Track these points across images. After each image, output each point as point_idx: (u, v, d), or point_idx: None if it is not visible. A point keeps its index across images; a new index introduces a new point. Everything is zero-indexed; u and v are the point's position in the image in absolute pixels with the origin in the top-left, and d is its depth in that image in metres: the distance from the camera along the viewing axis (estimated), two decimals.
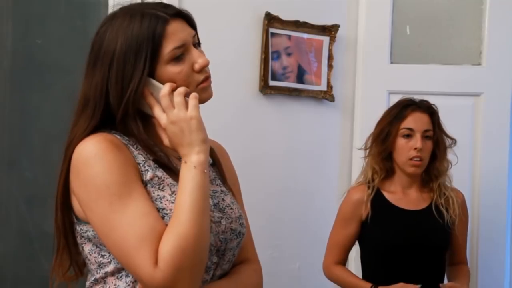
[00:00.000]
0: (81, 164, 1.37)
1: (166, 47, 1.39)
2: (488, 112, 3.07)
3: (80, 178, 1.37)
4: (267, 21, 2.88)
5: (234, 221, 1.48)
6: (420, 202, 2.51)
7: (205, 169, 1.35)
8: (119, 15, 1.44)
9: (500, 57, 3.07)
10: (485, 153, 3.06)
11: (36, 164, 2.72)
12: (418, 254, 2.42)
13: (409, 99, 2.54)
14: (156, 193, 1.38)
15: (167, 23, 1.40)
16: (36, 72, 2.71)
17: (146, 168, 1.40)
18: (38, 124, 2.73)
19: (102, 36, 1.44)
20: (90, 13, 2.78)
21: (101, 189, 1.33)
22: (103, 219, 1.33)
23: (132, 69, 1.38)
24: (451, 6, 3.12)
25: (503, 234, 3.07)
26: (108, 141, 1.37)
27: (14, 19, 2.69)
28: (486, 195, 3.05)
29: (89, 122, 1.42)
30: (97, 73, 1.42)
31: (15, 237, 2.70)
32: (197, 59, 1.41)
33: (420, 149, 2.44)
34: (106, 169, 1.34)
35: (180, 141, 1.37)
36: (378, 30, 3.06)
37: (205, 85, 1.43)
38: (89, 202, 1.36)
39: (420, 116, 2.49)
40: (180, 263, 1.29)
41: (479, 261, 3.05)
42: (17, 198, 2.68)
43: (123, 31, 1.40)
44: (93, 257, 1.42)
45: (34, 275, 2.71)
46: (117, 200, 1.32)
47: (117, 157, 1.36)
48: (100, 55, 1.43)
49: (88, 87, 1.44)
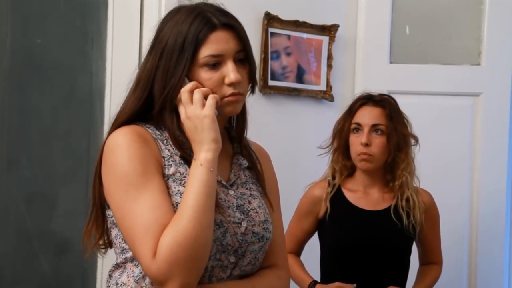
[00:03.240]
0: (107, 152, 1.45)
1: (203, 52, 1.44)
2: (487, 112, 3.07)
3: (105, 164, 1.45)
4: (267, 21, 2.88)
5: (258, 225, 1.51)
6: (380, 202, 2.43)
7: (211, 168, 1.40)
8: (182, 9, 1.51)
9: (499, 57, 3.08)
10: (484, 153, 3.06)
11: (35, 163, 2.72)
12: (373, 255, 2.36)
13: (366, 93, 2.47)
14: (176, 188, 1.43)
15: (212, 30, 1.45)
16: (35, 72, 2.71)
17: (170, 163, 1.45)
18: (38, 123, 2.72)
19: (162, 26, 1.50)
20: (90, 13, 2.78)
21: (119, 177, 1.41)
22: (118, 206, 1.41)
23: (175, 65, 1.45)
24: (451, 6, 3.12)
25: (502, 231, 3.08)
26: (136, 134, 1.44)
27: (14, 19, 2.68)
28: (485, 195, 3.06)
29: (136, 104, 1.48)
30: (151, 59, 1.49)
31: (14, 236, 2.69)
32: (229, 73, 1.45)
33: (366, 144, 2.36)
34: (126, 160, 1.41)
35: (193, 137, 1.43)
36: (377, 30, 3.06)
37: (231, 99, 1.47)
38: (109, 188, 1.44)
39: (370, 110, 2.41)
40: (175, 257, 1.33)
41: (478, 260, 3.05)
42: (17, 197, 2.68)
43: (177, 26, 1.46)
44: (118, 242, 1.49)
45: (33, 274, 2.71)
46: (132, 190, 1.39)
47: (140, 149, 1.42)
48: (156, 43, 1.49)
49: (142, 70, 1.50)
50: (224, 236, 1.44)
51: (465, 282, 3.07)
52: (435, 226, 2.51)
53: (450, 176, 3.04)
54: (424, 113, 2.99)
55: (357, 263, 2.38)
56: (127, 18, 2.77)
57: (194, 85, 1.44)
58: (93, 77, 2.78)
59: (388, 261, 2.39)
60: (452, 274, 2.98)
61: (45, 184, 2.74)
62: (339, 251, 2.40)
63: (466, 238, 3.06)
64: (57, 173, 2.76)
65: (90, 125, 2.78)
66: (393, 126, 2.39)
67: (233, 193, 1.52)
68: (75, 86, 2.79)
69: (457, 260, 3.06)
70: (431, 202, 2.49)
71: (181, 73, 1.44)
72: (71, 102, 2.79)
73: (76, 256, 2.78)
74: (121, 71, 2.76)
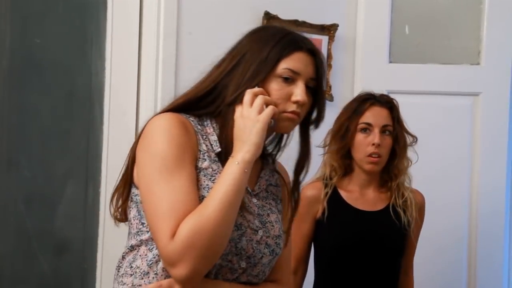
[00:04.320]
0: (149, 132, 1.49)
1: (283, 65, 1.51)
2: (486, 111, 3.07)
3: (144, 142, 1.49)
4: (266, 20, 2.88)
5: (271, 238, 1.55)
6: (378, 202, 2.43)
7: (246, 169, 1.44)
8: (269, 28, 1.67)
9: (498, 57, 3.08)
10: (484, 153, 3.06)
11: (34, 163, 2.72)
12: (371, 257, 2.36)
13: (368, 93, 2.47)
14: (205, 182, 1.48)
15: (298, 50, 1.53)
16: (35, 71, 2.70)
17: (204, 157, 1.50)
18: (37, 123, 2.72)
19: (242, 39, 1.61)
20: (89, 13, 2.78)
21: (156, 156, 1.45)
22: (148, 182, 1.45)
23: (255, 69, 1.51)
24: (450, 6, 3.12)
25: (501, 231, 3.08)
26: (180, 121, 1.49)
27: (13, 18, 2.68)
28: (485, 194, 3.05)
29: (195, 94, 1.55)
30: (224, 63, 1.56)
31: (13, 236, 2.69)
32: (298, 92, 1.51)
33: (378, 145, 2.35)
34: (166, 142, 1.45)
35: (238, 136, 1.47)
36: (377, 30, 3.06)
37: (290, 116, 1.52)
38: (143, 165, 1.48)
39: (379, 110, 2.41)
40: (192, 241, 1.37)
41: (478, 260, 3.05)
42: (16, 197, 2.68)
43: (263, 39, 1.55)
44: (135, 223, 1.52)
45: (32, 274, 2.71)
46: (165, 171, 1.43)
47: (181, 136, 1.47)
48: (234, 51, 1.58)
49: (214, 71, 1.57)
50: (240, 239, 1.49)
51: (465, 282, 3.07)
52: (419, 229, 2.50)
53: (449, 176, 3.04)
54: (423, 113, 2.99)
55: (354, 264, 2.37)
56: (126, 18, 2.77)
57: (260, 91, 1.49)
58: (92, 77, 2.78)
59: (385, 260, 2.39)
60: (451, 274, 2.98)
61: (44, 184, 2.74)
62: (337, 252, 2.38)
63: (466, 238, 3.06)
64: (57, 173, 2.75)
65: (90, 125, 2.78)
66: (399, 127, 2.41)
67: (255, 202, 1.56)
68: (75, 86, 2.78)
69: (457, 260, 3.06)
70: (423, 202, 2.50)
71: (258, 77, 1.50)
72: (70, 102, 2.78)
73: (75, 256, 2.78)
74: (120, 71, 2.76)
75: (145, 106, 2.76)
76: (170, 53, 2.74)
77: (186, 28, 2.78)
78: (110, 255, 2.69)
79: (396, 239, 2.40)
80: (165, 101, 2.73)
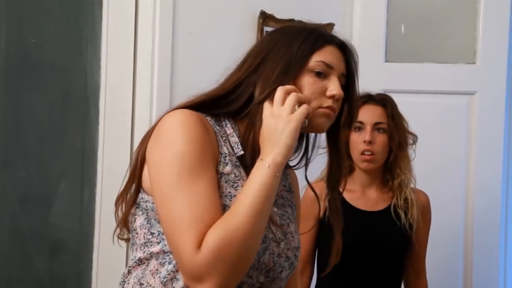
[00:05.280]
0: (165, 129, 1.34)
1: (316, 57, 1.41)
2: (482, 110, 3.07)
3: (159, 141, 1.33)
4: (262, 19, 2.88)
5: (291, 250, 1.45)
6: (379, 202, 2.43)
7: (277, 172, 1.32)
8: (295, 24, 1.55)
9: (494, 56, 3.08)
10: (479, 152, 3.06)
11: (30, 163, 2.71)
12: (373, 256, 2.36)
13: (365, 92, 2.45)
14: (228, 189, 1.35)
15: (330, 43, 1.44)
16: (30, 71, 2.70)
17: (226, 161, 1.37)
18: (32, 123, 2.71)
19: (266, 36, 1.49)
20: (85, 12, 2.77)
21: (176, 157, 1.30)
22: (166, 187, 1.29)
23: (286, 64, 1.40)
24: (446, 5, 3.13)
25: (497, 227, 3.08)
26: (199, 118, 1.35)
27: (8, 18, 2.67)
28: (480, 193, 3.06)
29: (218, 92, 1.42)
30: (249, 60, 1.45)
31: (8, 236, 2.68)
32: (334, 87, 1.40)
33: (370, 142, 2.36)
34: (187, 141, 1.31)
35: (268, 136, 1.34)
36: (372, 29, 3.06)
37: (326, 112, 1.41)
38: (159, 166, 1.31)
39: (371, 108, 2.42)
40: (222, 253, 1.24)
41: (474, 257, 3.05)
42: (11, 198, 2.67)
43: (291, 34, 1.44)
44: (142, 232, 1.37)
45: (28, 274, 2.70)
46: (187, 173, 1.29)
47: (202, 135, 1.33)
48: (258, 48, 1.46)
49: (238, 70, 1.46)
50: (264, 253, 1.37)
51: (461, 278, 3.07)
52: (426, 231, 2.49)
53: (446, 175, 3.04)
54: (419, 112, 2.99)
55: (357, 264, 2.37)
56: (122, 18, 2.76)
57: (292, 88, 1.38)
58: (87, 77, 2.77)
59: (387, 261, 2.39)
60: (447, 270, 2.98)
61: (39, 184, 2.73)
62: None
63: (461, 235, 3.06)
64: (52, 173, 2.75)
65: (85, 125, 2.77)
66: (394, 125, 2.40)
67: (276, 211, 1.45)
68: (70, 86, 2.78)
69: (453, 257, 3.06)
70: (426, 202, 2.49)
71: (290, 72, 1.39)
72: (66, 102, 2.78)
73: (71, 257, 2.77)
74: (116, 71, 2.76)
75: (141, 106, 2.76)
76: (165, 52, 2.74)
77: (181, 28, 2.78)
78: (106, 255, 2.69)
79: (397, 239, 2.39)
80: (161, 101, 2.75)
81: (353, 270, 2.37)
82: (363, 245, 2.36)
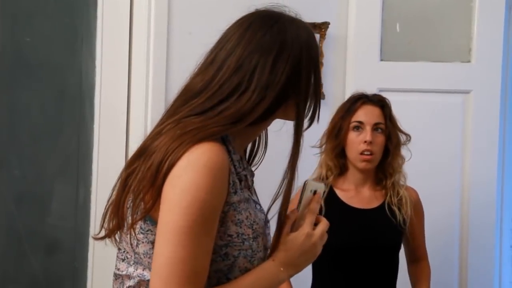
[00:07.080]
0: (190, 167, 1.26)
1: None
2: (477, 109, 3.07)
3: (181, 178, 1.26)
4: None
5: None
6: (372, 200, 2.45)
7: (283, 282, 1.39)
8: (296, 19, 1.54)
9: (489, 54, 3.08)
10: (475, 150, 3.06)
11: (25, 163, 2.71)
12: (368, 254, 2.38)
13: (361, 93, 2.50)
14: (237, 217, 1.33)
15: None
16: (25, 70, 2.70)
17: (234, 190, 1.33)
18: (27, 122, 2.71)
19: (281, 33, 1.48)
20: (79, 11, 2.77)
21: (194, 202, 1.24)
22: (178, 229, 1.24)
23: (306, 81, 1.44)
24: (441, 4, 3.13)
25: (492, 226, 3.09)
26: (225, 160, 1.29)
27: (2, 17, 2.67)
28: (476, 192, 3.06)
29: (249, 108, 1.36)
30: (278, 62, 1.43)
31: (4, 236, 2.68)
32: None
33: (370, 142, 2.38)
34: (211, 187, 1.25)
35: (295, 251, 1.39)
36: (368, 28, 3.06)
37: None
38: (177, 203, 1.25)
39: (371, 109, 2.44)
40: None
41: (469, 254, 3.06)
42: (6, 197, 2.67)
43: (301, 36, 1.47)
44: (146, 260, 1.33)
45: (23, 274, 2.70)
46: (201, 223, 1.25)
47: (222, 179, 1.28)
48: (279, 48, 1.46)
49: (261, 74, 1.40)
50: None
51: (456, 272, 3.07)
52: (421, 221, 2.54)
53: (441, 173, 3.05)
54: (414, 111, 2.99)
55: (353, 262, 2.38)
56: (117, 17, 2.76)
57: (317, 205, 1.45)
58: (82, 75, 2.77)
59: (381, 258, 2.41)
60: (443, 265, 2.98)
61: (35, 183, 2.73)
62: (335, 251, 2.37)
63: (457, 233, 3.07)
64: (47, 172, 2.75)
65: (80, 125, 2.77)
66: (392, 125, 2.44)
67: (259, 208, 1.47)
68: (65, 85, 2.78)
69: (448, 253, 3.06)
70: (417, 198, 2.53)
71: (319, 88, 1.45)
72: (60, 101, 2.78)
73: (66, 256, 2.77)
74: (111, 70, 2.76)
75: (136, 105, 2.76)
76: (160, 52, 2.74)
77: (177, 27, 2.78)
78: (101, 254, 2.68)
79: (392, 236, 2.42)
80: (156, 100, 2.75)
81: (349, 266, 2.38)
82: (360, 242, 2.38)
